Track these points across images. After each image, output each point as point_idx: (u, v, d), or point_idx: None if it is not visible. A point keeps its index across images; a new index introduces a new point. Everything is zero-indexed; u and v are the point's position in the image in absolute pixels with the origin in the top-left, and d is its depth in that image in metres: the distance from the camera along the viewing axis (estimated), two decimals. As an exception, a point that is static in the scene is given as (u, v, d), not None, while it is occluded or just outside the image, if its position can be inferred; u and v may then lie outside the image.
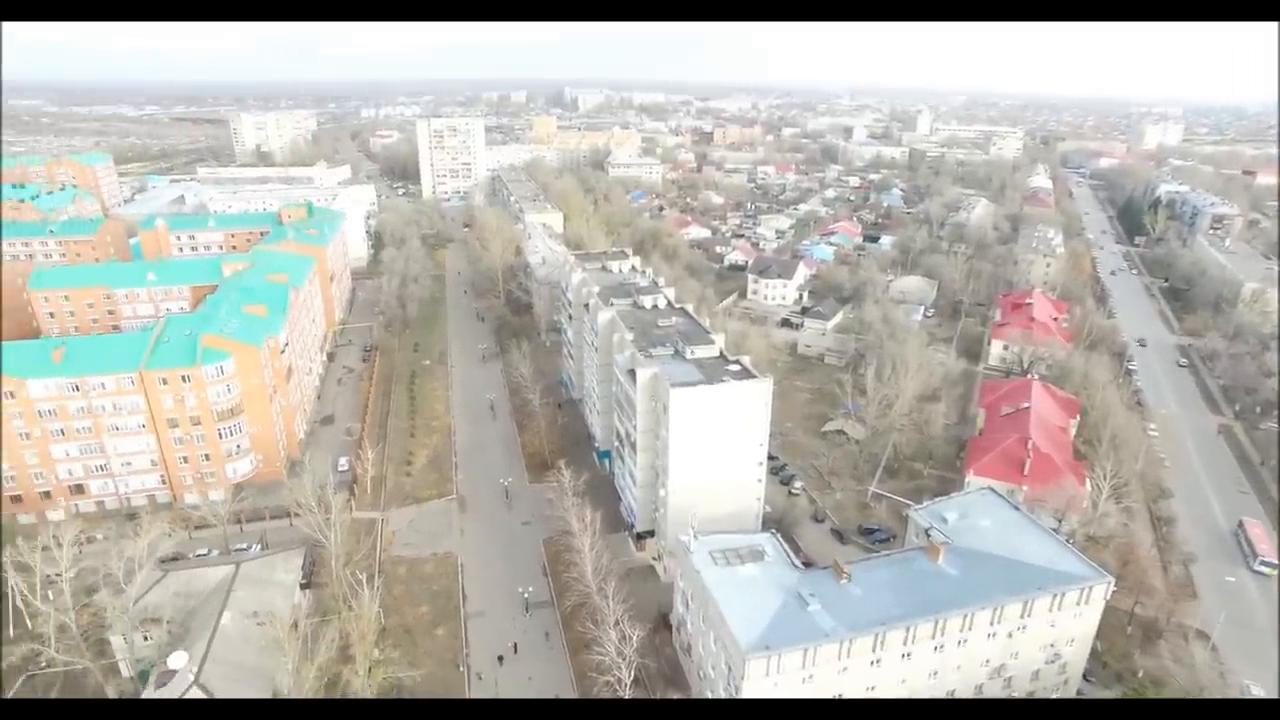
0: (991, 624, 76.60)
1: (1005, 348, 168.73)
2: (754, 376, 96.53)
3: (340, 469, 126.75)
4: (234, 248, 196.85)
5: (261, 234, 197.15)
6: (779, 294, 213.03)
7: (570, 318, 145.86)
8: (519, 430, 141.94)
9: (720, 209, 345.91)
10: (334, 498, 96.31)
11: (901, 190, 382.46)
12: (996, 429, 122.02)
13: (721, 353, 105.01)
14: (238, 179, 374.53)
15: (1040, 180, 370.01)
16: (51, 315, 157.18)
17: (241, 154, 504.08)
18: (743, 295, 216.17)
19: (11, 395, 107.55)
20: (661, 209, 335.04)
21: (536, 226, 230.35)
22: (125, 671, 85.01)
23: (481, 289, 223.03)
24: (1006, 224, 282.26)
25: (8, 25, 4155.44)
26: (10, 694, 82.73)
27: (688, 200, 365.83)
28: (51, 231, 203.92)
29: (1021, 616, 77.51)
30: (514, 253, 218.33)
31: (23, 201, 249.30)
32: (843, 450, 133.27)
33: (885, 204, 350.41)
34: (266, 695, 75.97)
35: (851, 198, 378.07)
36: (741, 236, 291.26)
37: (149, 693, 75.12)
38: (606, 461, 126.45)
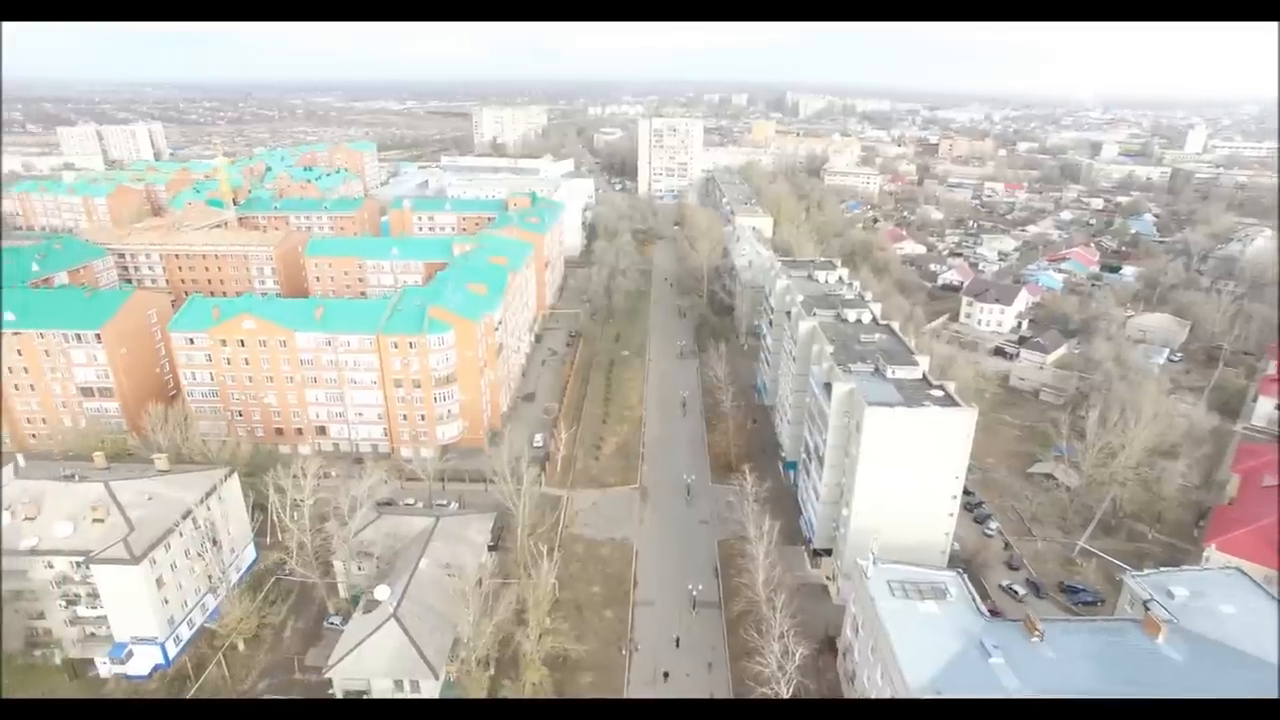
0: (1222, 726, 65.97)
1: (1278, 407, 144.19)
2: (957, 404, 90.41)
3: (535, 444, 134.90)
4: (464, 230, 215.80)
5: (489, 219, 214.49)
6: (995, 320, 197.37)
7: (771, 324, 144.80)
8: (708, 430, 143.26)
9: (938, 225, 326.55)
10: (526, 471, 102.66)
11: (1155, 216, 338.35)
12: (1254, 501, 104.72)
13: (924, 375, 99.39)
14: (474, 167, 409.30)
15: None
16: (318, 279, 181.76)
17: (479, 145, 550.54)
18: (954, 318, 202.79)
19: (284, 344, 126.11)
20: (876, 221, 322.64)
21: (746, 229, 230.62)
22: (342, 593, 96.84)
23: (685, 287, 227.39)
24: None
25: (306, 34, 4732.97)
26: (262, 594, 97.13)
27: (904, 214, 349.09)
28: (325, 208, 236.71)
29: (1266, 728, 65.90)
30: (721, 254, 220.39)
31: (309, 182, 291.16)
32: (1050, 496, 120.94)
33: (1132, 230, 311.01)
34: (449, 641, 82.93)
35: (1091, 221, 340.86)
36: (959, 256, 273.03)
37: (358, 615, 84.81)
38: (791, 472, 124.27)
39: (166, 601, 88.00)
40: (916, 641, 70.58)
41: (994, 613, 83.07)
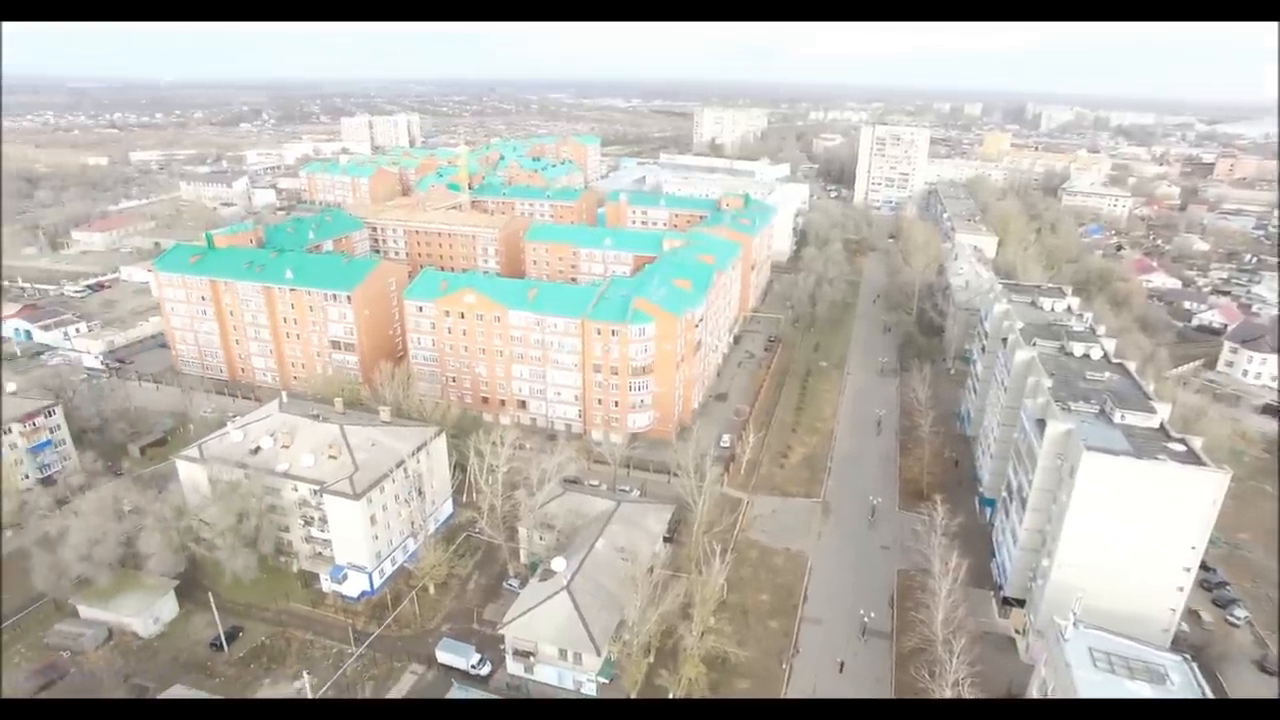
0: None
1: None
2: (1204, 464, 78.59)
3: (722, 444, 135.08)
4: (675, 226, 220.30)
5: (701, 217, 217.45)
6: (1267, 372, 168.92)
7: (983, 349, 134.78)
8: (901, 453, 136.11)
9: (1202, 257, 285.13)
10: (710, 469, 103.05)
11: None
12: None
13: (1163, 425, 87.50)
14: (690, 166, 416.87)
15: None
16: (534, 262, 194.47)
17: (698, 144, 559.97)
18: (1210, 365, 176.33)
19: (498, 319, 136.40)
20: (1120, 248, 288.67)
21: (966, 247, 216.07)
22: (523, 559, 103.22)
23: (894, 302, 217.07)
24: None
25: (547, 34, 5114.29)
26: (453, 546, 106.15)
27: (1158, 242, 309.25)
28: (548, 196, 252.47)
29: None
30: (936, 271, 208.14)
31: (536, 172, 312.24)
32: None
33: None
34: (615, 622, 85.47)
35: None
36: (1225, 294, 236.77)
37: (534, 581, 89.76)
38: (988, 510, 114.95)
39: (376, 537, 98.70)
40: (1119, 722, 62.37)
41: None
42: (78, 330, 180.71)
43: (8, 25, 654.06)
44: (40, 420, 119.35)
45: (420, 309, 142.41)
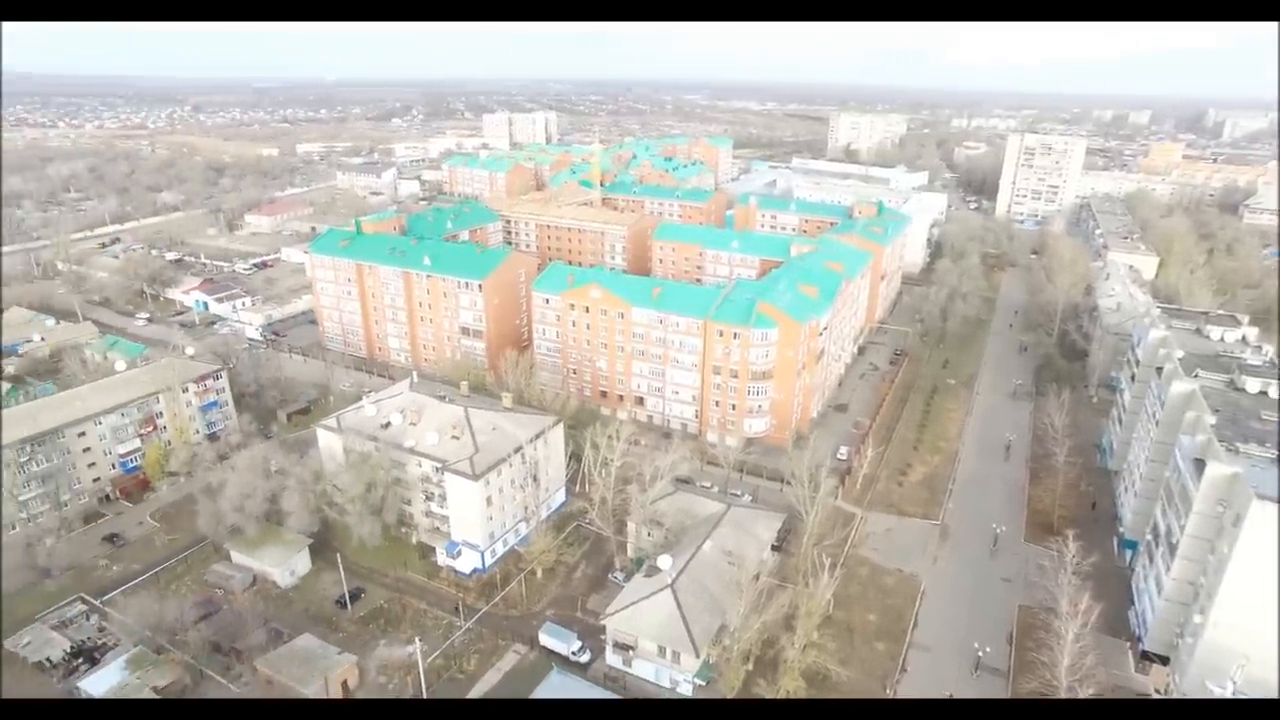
0: None
1: None
2: (1401, 525, 69.07)
3: (839, 456, 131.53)
4: (804, 232, 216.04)
5: (831, 223, 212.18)
6: None
7: (1133, 378, 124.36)
8: (1030, 481, 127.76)
9: None
10: (825, 480, 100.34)
11: None
12: None
13: (1355, 479, 77.54)
14: (823, 171, 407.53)
15: None
16: (660, 261, 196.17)
17: (832, 149, 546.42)
18: None
19: (621, 316, 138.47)
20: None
21: (1119, 267, 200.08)
22: (630, 553, 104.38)
23: (1033, 321, 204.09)
24: None
25: (684, 35, 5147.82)
26: (563, 534, 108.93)
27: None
28: (678, 196, 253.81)
29: None
30: (1082, 291, 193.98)
31: (667, 172, 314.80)
32: None
33: None
34: (716, 625, 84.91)
35: None
36: None
37: (639, 577, 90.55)
38: (1128, 553, 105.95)
39: (491, 518, 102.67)
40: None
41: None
42: (244, 304, 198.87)
43: (211, 33, 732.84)
44: (210, 382, 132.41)
45: (547, 301, 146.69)
